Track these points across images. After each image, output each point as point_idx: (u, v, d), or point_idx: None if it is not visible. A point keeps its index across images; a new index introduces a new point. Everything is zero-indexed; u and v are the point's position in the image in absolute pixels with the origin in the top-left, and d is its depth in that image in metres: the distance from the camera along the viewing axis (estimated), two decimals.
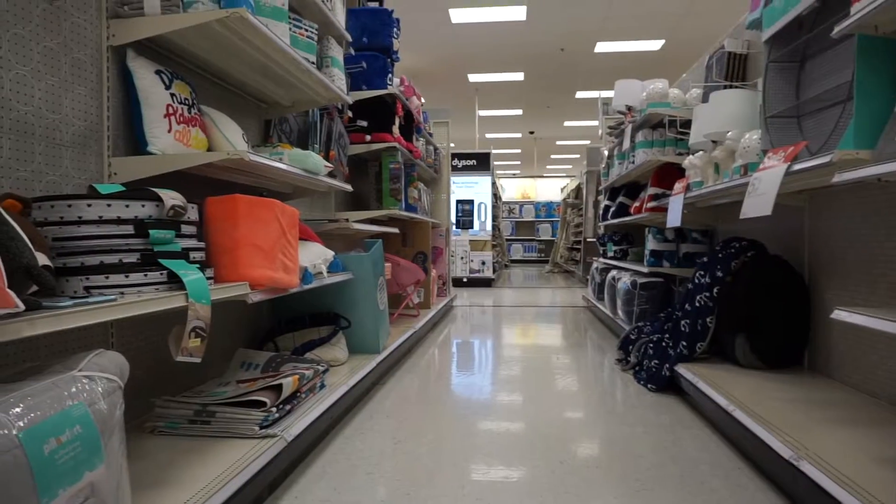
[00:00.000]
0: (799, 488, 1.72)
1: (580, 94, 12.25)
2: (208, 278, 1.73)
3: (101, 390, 1.16)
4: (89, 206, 1.47)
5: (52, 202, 1.45)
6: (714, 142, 3.25)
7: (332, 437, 2.48)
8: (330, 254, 2.82)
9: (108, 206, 1.49)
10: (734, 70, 3.42)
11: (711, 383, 2.61)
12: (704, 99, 3.75)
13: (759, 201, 2.25)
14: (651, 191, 4.39)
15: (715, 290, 3.07)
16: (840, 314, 1.73)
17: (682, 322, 3.21)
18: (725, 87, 3.38)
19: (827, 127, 2.25)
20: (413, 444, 2.41)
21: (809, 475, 1.64)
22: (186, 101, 2.10)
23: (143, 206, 1.56)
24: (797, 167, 2.08)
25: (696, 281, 3.21)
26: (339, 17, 3.21)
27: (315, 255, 2.67)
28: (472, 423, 2.70)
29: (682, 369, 2.96)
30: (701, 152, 3.38)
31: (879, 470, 1.66)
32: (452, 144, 8.32)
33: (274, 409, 2.02)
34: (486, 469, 2.15)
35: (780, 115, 2.51)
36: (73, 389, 1.10)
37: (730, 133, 2.92)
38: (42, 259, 1.26)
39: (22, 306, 1.08)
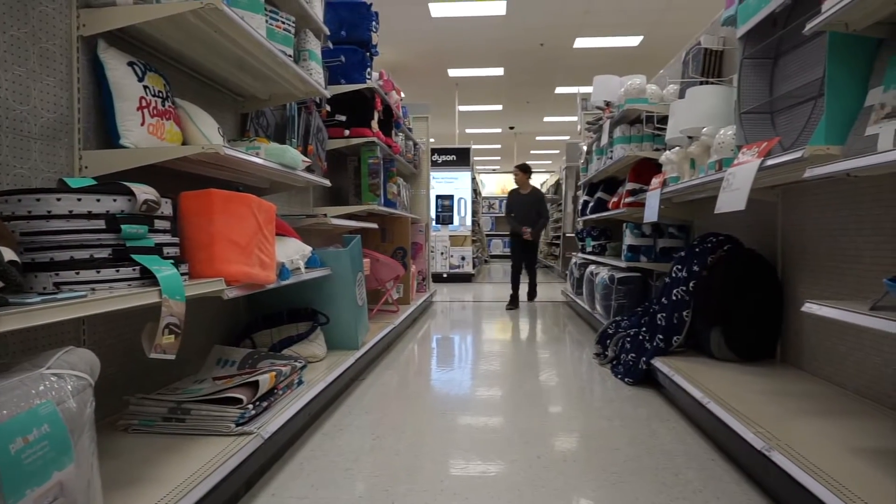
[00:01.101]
0: (770, 478, 1.75)
1: (559, 90, 12.29)
2: (183, 274, 1.71)
3: (70, 388, 1.14)
4: (59, 199, 1.44)
5: (20, 196, 1.42)
6: (690, 137, 3.28)
7: (310, 433, 2.47)
8: (308, 249, 2.80)
9: (79, 200, 1.46)
10: (710, 66, 3.46)
11: (687, 376, 2.65)
12: (681, 95, 3.79)
13: (733, 196, 2.28)
14: (629, 186, 4.43)
15: (691, 284, 3.11)
16: (810, 307, 1.76)
17: (659, 316, 3.24)
18: (701, 83, 3.42)
19: (799, 123, 2.28)
20: (392, 440, 2.40)
21: (780, 465, 1.67)
22: (160, 94, 2.06)
23: (114, 200, 1.53)
24: (770, 162, 2.12)
25: (674, 275, 3.25)
26: (317, 10, 3.18)
27: (293, 251, 2.65)
28: (451, 418, 2.70)
29: (659, 363, 3.00)
30: (677, 148, 3.41)
31: (848, 459, 1.69)
32: (432, 139, 8.31)
33: (250, 406, 2.00)
34: (464, 464, 2.15)
35: (754, 110, 2.54)
36: (41, 388, 1.08)
37: (705, 129, 2.96)
38: (9, 254, 1.23)
39: None
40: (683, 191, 3.26)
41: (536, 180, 18.19)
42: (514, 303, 6.87)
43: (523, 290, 7.31)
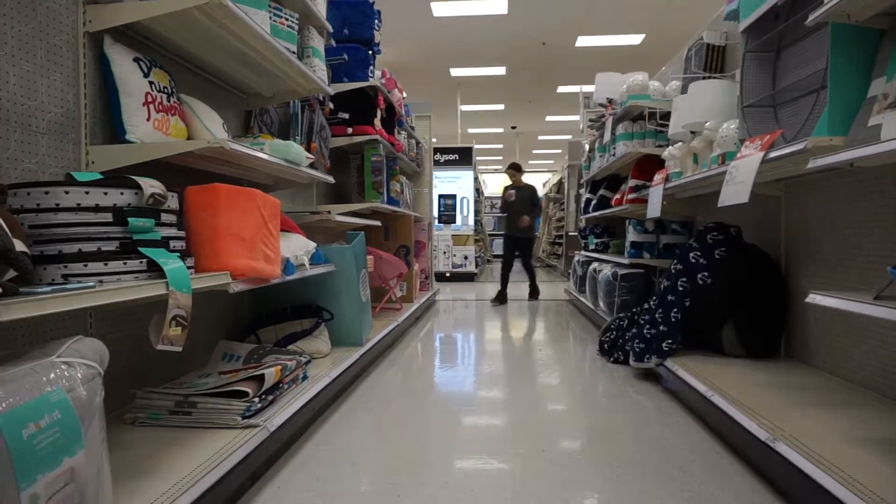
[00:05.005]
0: (775, 468, 1.76)
1: (561, 89, 12.30)
2: (189, 267, 1.72)
3: (80, 376, 1.15)
4: (67, 193, 1.45)
5: (29, 189, 1.43)
6: (693, 132, 3.28)
7: (316, 428, 2.48)
8: (312, 245, 2.81)
9: (86, 193, 1.47)
10: (713, 61, 3.46)
11: (691, 371, 2.65)
12: (683, 90, 3.79)
13: (736, 189, 2.29)
14: (631, 182, 4.43)
15: (702, 274, 3.10)
16: (814, 297, 1.76)
17: (670, 311, 3.24)
18: (704, 78, 3.42)
19: (802, 115, 2.29)
20: (396, 435, 2.41)
21: (784, 455, 1.68)
22: (165, 90, 2.07)
23: (121, 193, 1.54)
24: (773, 154, 2.12)
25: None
26: (321, 8, 3.19)
27: (297, 247, 2.65)
28: (455, 414, 2.71)
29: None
30: (680, 143, 3.42)
31: (851, 449, 1.70)
32: (435, 139, 8.32)
33: (256, 400, 2.01)
34: (469, 458, 2.16)
35: (756, 104, 2.54)
36: (52, 375, 1.09)
37: (708, 123, 2.96)
38: (19, 246, 1.24)
39: None
40: (686, 186, 3.27)
41: (537, 180, 18.24)
42: (500, 298, 7.03)
43: (520, 289, 7.24)
